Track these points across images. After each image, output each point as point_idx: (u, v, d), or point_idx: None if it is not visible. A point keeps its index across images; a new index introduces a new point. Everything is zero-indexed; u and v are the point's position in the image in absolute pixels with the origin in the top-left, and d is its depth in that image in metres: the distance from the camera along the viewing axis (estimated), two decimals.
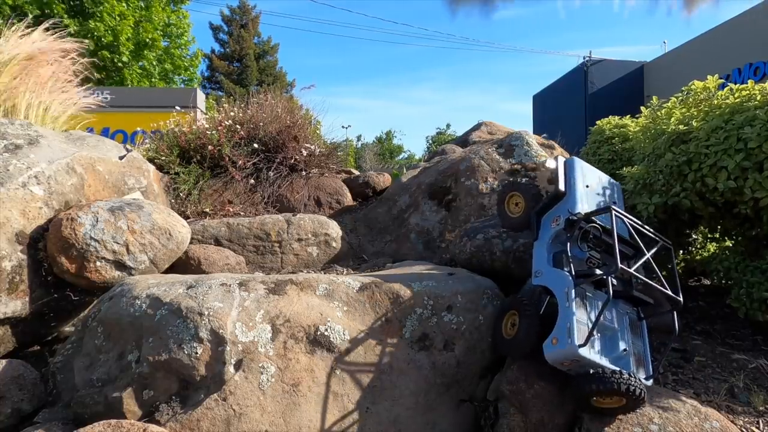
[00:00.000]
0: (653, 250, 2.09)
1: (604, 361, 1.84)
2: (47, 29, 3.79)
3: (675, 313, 1.98)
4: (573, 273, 1.95)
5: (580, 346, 1.77)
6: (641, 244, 2.07)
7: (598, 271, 1.94)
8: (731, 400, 2.10)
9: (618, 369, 1.79)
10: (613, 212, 1.98)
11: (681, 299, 1.95)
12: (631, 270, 1.90)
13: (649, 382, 1.93)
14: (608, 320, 1.96)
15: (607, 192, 2.49)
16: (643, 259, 2.00)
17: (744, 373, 2.30)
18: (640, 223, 2.16)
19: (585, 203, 2.25)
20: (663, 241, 2.17)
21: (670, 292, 1.97)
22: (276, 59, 29.43)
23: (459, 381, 2.15)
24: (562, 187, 2.29)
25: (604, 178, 2.57)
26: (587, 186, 2.35)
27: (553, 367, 1.92)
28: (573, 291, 1.90)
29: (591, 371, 1.81)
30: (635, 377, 1.76)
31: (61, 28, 4.00)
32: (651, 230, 2.19)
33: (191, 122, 4.70)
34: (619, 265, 1.81)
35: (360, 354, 2.08)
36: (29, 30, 3.59)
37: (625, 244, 2.16)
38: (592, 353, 1.82)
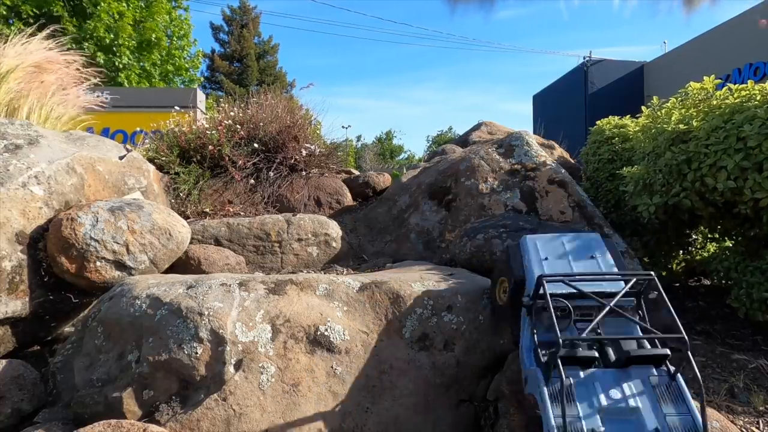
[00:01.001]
0: (621, 293, 1.68)
1: None
2: (50, 36, 3.81)
3: (689, 354, 1.52)
4: (541, 364, 1.59)
5: None
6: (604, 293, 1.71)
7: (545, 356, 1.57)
8: (731, 400, 2.11)
9: None
10: (543, 281, 1.66)
11: (684, 335, 1.53)
12: (586, 333, 1.54)
13: None
14: (619, 400, 1.53)
15: (576, 251, 2.04)
16: (605, 310, 1.61)
17: (744, 373, 2.30)
18: (604, 268, 1.85)
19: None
20: (637, 275, 1.76)
21: (662, 335, 1.59)
22: (276, 59, 29.45)
23: (459, 381, 2.15)
24: (516, 273, 1.98)
25: (572, 241, 2.13)
26: (545, 258, 2.01)
27: None
28: (545, 388, 1.53)
29: None
30: None
31: (63, 34, 4.02)
32: (621, 270, 1.85)
33: (191, 122, 4.70)
34: (559, 337, 1.48)
35: (360, 354, 2.08)
36: (31, 36, 3.61)
37: (594, 296, 1.72)
38: None
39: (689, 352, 1.51)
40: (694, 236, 3.84)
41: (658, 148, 2.89)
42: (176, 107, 5.58)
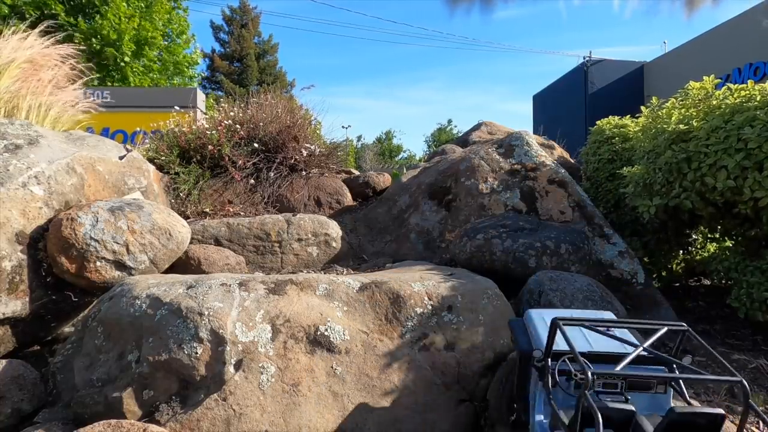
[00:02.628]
0: (654, 338, 1.45)
1: None
2: (45, 31, 3.79)
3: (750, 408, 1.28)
4: (563, 425, 1.35)
5: None
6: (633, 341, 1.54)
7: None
8: (731, 400, 2.10)
9: None
10: (559, 323, 1.46)
11: (741, 380, 1.31)
12: (619, 368, 1.32)
13: None
14: None
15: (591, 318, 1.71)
16: (637, 351, 1.41)
17: (744, 373, 2.30)
18: (630, 321, 1.62)
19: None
20: (669, 325, 1.52)
21: (719, 377, 1.35)
22: (276, 59, 29.40)
23: (459, 381, 2.15)
24: (523, 344, 1.70)
25: (584, 313, 1.95)
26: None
27: None
28: None
29: None
30: None
31: (60, 29, 3.99)
32: (648, 321, 1.58)
33: (191, 122, 4.70)
34: (588, 372, 1.24)
35: (360, 354, 2.08)
36: (27, 33, 3.58)
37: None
38: None
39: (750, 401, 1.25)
40: (694, 236, 3.84)
41: (658, 147, 2.89)
42: (176, 107, 5.58)
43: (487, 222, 3.19)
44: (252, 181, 4.13)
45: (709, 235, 3.72)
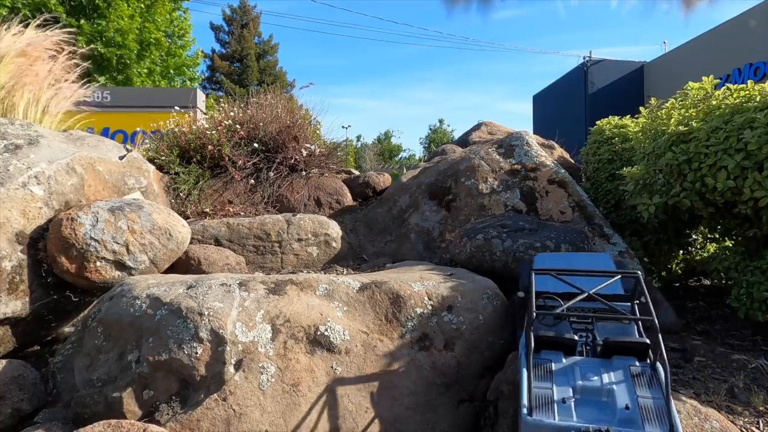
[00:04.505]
0: (602, 285, 1.84)
1: (582, 424, 1.51)
2: (42, 26, 3.76)
3: (659, 340, 1.62)
4: (527, 342, 1.69)
5: (528, 413, 1.50)
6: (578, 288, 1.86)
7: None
8: (731, 400, 2.10)
9: (600, 428, 1.46)
10: (533, 273, 1.87)
11: (653, 318, 1.67)
12: (566, 306, 1.74)
13: None
14: (595, 381, 1.64)
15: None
16: (585, 293, 1.80)
17: (744, 373, 2.30)
18: (594, 270, 1.98)
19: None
20: (622, 273, 1.95)
21: (619, 270, 1.82)
22: (276, 59, 29.40)
23: (459, 381, 2.15)
24: (524, 282, 2.05)
25: (582, 259, 2.40)
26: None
27: None
28: (523, 366, 1.64)
29: None
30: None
31: (56, 23, 3.95)
32: (610, 270, 1.99)
33: (191, 122, 4.70)
34: (534, 312, 1.67)
35: (360, 354, 2.08)
36: (22, 32, 3.56)
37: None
38: (561, 418, 1.52)
39: (659, 336, 1.58)
40: (694, 236, 3.84)
41: (659, 148, 2.89)
42: (176, 107, 5.57)
43: (487, 222, 3.19)
44: (252, 181, 4.13)
45: (709, 235, 3.72)
